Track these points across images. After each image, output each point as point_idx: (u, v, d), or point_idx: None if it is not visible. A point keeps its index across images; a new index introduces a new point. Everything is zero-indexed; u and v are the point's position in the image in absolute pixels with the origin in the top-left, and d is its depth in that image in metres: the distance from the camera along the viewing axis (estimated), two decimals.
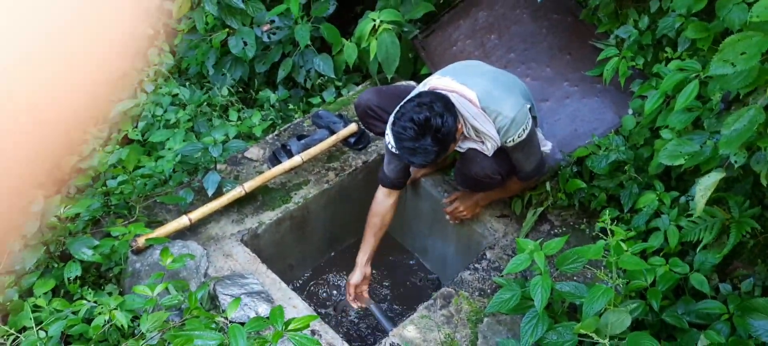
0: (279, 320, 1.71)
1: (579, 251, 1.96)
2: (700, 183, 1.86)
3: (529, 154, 2.29)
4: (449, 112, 2.09)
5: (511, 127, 2.18)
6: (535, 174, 2.39)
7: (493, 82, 2.26)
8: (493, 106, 2.19)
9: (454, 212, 2.55)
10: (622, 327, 1.88)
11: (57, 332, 1.69)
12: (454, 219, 2.58)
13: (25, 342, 1.63)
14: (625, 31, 2.37)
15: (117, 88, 0.32)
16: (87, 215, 2.35)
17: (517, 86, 2.34)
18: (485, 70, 2.36)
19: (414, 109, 2.08)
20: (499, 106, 2.18)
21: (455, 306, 2.27)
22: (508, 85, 2.30)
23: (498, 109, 2.18)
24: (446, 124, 2.07)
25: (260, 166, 2.73)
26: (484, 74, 2.31)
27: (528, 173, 2.36)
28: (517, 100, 2.21)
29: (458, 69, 2.36)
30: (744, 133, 1.72)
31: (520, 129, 2.19)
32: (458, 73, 2.29)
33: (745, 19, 1.79)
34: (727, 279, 2.19)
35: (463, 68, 2.37)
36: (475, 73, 2.31)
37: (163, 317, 1.66)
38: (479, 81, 2.25)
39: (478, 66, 2.42)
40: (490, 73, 2.34)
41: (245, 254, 2.40)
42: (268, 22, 3.22)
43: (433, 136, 2.07)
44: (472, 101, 2.19)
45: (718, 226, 2.10)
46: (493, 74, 2.33)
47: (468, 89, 2.20)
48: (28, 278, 1.93)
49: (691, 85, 1.98)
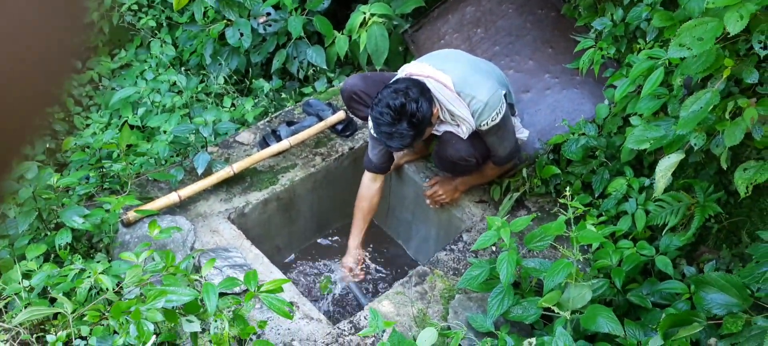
0: (253, 282, 1.80)
1: (544, 228, 2.04)
2: (660, 164, 1.94)
3: (502, 139, 2.37)
4: (424, 97, 2.18)
5: (485, 111, 2.26)
6: (509, 159, 2.47)
7: (469, 68, 2.35)
8: (467, 91, 2.27)
9: (433, 195, 2.63)
10: (584, 301, 1.95)
11: (40, 282, 1.79)
12: (434, 204, 2.66)
13: (9, 289, 1.73)
14: (601, 23, 2.45)
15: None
16: (81, 188, 2.46)
17: (493, 73, 2.43)
18: (463, 57, 2.45)
19: (390, 95, 2.18)
20: (474, 90, 2.27)
21: (429, 284, 2.35)
22: (484, 71, 2.38)
23: (472, 93, 2.27)
24: (421, 109, 2.16)
25: (250, 150, 2.84)
26: (462, 61, 2.40)
27: (502, 157, 2.44)
28: (491, 84, 2.30)
29: (437, 56, 2.45)
30: (700, 114, 1.80)
31: (493, 112, 2.27)
32: (436, 60, 2.39)
33: (703, 7, 1.86)
34: (694, 264, 2.26)
35: (442, 55, 2.47)
36: (452, 59, 2.41)
37: (143, 275, 1.75)
38: (456, 67, 2.34)
39: (457, 53, 2.51)
40: (468, 60, 2.42)
41: (231, 231, 2.50)
42: (264, 14, 3.34)
43: (409, 121, 2.16)
44: (447, 86, 2.28)
45: (684, 210, 2.17)
46: (470, 61, 2.42)
47: (443, 74, 2.29)
48: (20, 241, 2.03)
49: (657, 72, 2.06)
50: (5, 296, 1.81)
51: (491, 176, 2.59)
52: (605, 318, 1.87)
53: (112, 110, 3.36)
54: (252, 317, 2.10)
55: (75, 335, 1.68)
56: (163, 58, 3.52)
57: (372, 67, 3.17)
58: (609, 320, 1.86)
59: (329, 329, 2.15)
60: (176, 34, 3.69)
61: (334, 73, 3.34)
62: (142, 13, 3.72)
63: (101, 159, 2.66)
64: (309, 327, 2.16)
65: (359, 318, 2.22)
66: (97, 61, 3.69)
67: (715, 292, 1.78)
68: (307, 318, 2.19)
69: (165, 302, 1.62)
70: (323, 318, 2.21)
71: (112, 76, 3.69)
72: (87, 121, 3.41)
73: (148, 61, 3.63)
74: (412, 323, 2.19)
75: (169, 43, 3.65)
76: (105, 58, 3.70)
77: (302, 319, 2.19)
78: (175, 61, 3.66)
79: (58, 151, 3.21)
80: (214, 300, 1.67)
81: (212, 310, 1.68)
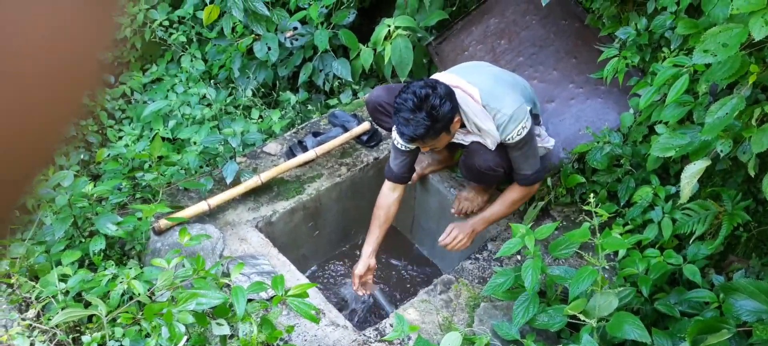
0: (280, 286, 1.84)
1: (569, 236, 2.04)
2: (686, 171, 1.93)
3: (528, 156, 2.36)
4: (450, 99, 2.20)
5: (510, 124, 2.27)
6: (535, 179, 2.43)
7: (495, 81, 2.37)
8: (493, 104, 2.29)
9: (453, 242, 2.49)
10: (610, 309, 1.94)
11: (75, 286, 1.85)
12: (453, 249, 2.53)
13: (46, 291, 1.79)
14: (625, 32, 2.46)
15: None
16: (114, 197, 2.54)
17: (519, 86, 2.44)
18: (489, 69, 2.47)
19: (419, 85, 2.19)
20: (500, 103, 2.28)
21: (455, 292, 2.36)
22: (510, 84, 2.40)
23: (498, 107, 2.28)
24: (443, 107, 2.16)
25: (277, 161, 2.89)
26: (488, 73, 2.42)
27: (527, 176, 2.41)
28: (516, 98, 2.31)
29: (464, 68, 2.48)
30: (725, 120, 1.79)
31: (518, 126, 2.27)
32: (464, 71, 2.41)
33: (728, 14, 1.87)
34: (723, 273, 2.23)
35: (469, 67, 2.49)
36: (479, 71, 2.43)
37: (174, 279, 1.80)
38: (483, 79, 2.36)
39: (484, 66, 2.53)
40: (494, 73, 2.44)
41: (259, 239, 2.54)
42: (291, 29, 3.41)
43: (429, 113, 2.16)
44: (474, 98, 2.30)
45: (711, 218, 2.15)
46: (496, 74, 2.44)
47: (471, 86, 2.31)
48: (56, 247, 2.10)
49: (682, 79, 2.06)
50: (43, 298, 1.88)
51: (513, 205, 2.50)
52: (632, 325, 1.86)
53: (143, 123, 3.45)
54: (279, 323, 2.14)
55: (109, 336, 1.73)
56: (193, 72, 3.61)
57: (396, 79, 3.22)
58: (635, 327, 1.86)
59: (355, 336, 2.18)
60: (206, 49, 3.78)
61: (359, 85, 3.39)
62: (173, 29, 3.82)
63: (133, 169, 2.74)
64: (335, 334, 2.19)
65: (385, 326, 2.24)
66: (129, 75, 3.79)
67: (745, 298, 1.76)
68: (334, 325, 2.22)
69: (196, 305, 1.66)
70: (349, 325, 2.23)
71: (144, 90, 3.79)
72: (119, 134, 3.51)
73: (178, 76, 3.73)
74: (437, 330, 2.21)
75: (198, 58, 3.74)
76: (137, 73, 3.80)
77: (328, 326, 2.21)
78: (205, 75, 3.75)
79: (92, 163, 3.31)
80: (244, 303, 1.71)
81: (241, 313, 1.71)
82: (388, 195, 2.58)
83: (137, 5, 3.75)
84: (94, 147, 3.37)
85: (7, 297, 1.90)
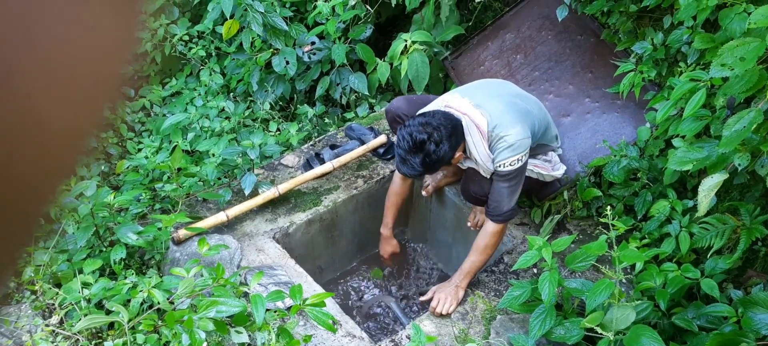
0: (298, 295, 1.86)
1: (586, 248, 2.04)
2: (703, 184, 1.93)
3: (513, 192, 2.31)
4: (449, 140, 2.19)
5: (507, 151, 2.24)
6: (508, 216, 2.35)
7: (507, 108, 2.31)
8: (498, 132, 2.26)
9: (440, 306, 2.33)
10: (627, 322, 1.94)
11: (97, 294, 1.89)
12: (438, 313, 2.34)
13: (70, 298, 1.83)
14: (641, 47, 2.47)
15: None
16: (135, 208, 2.58)
17: (532, 114, 2.38)
18: (507, 92, 2.43)
19: (418, 126, 2.20)
20: (506, 130, 2.25)
21: (471, 304, 2.36)
22: (523, 112, 2.34)
23: (502, 134, 2.25)
24: (438, 152, 2.18)
25: (295, 173, 2.92)
26: (504, 98, 2.37)
27: (504, 212, 2.33)
28: (523, 129, 2.27)
29: (480, 88, 2.44)
30: (743, 133, 1.80)
31: (514, 156, 2.24)
32: (477, 94, 2.37)
33: (745, 28, 1.87)
34: (741, 288, 2.22)
35: (486, 88, 2.45)
36: (495, 94, 2.38)
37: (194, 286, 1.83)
38: (495, 105, 2.31)
39: (503, 87, 2.50)
40: (510, 98, 2.39)
41: (276, 250, 2.57)
42: (309, 43, 3.46)
43: (423, 159, 2.19)
44: (480, 128, 2.27)
45: (729, 232, 2.15)
46: (511, 99, 2.38)
47: (480, 115, 2.28)
48: (78, 255, 2.14)
49: (699, 93, 2.06)
50: (66, 305, 1.91)
51: (488, 249, 2.39)
52: (649, 339, 1.85)
53: (163, 135, 3.51)
54: (296, 333, 2.15)
55: (130, 342, 1.76)
56: (212, 86, 3.67)
57: (413, 93, 3.24)
58: (653, 340, 1.85)
59: None
60: (224, 63, 3.84)
61: (375, 99, 3.43)
62: (193, 43, 3.89)
63: (153, 180, 2.78)
64: (352, 345, 2.20)
65: (401, 337, 2.25)
66: (149, 89, 3.86)
67: (764, 312, 1.75)
68: (350, 336, 2.23)
69: (216, 312, 1.68)
70: (365, 336, 2.24)
71: (163, 103, 3.85)
72: (139, 146, 3.57)
73: (197, 89, 3.79)
74: (453, 342, 2.21)
75: (217, 72, 3.80)
76: (156, 87, 3.87)
77: (344, 336, 2.23)
78: (223, 88, 3.81)
79: (112, 174, 3.36)
80: (262, 311, 1.73)
81: (260, 321, 1.73)
82: (400, 185, 2.65)
83: (158, 20, 3.82)
84: (114, 159, 3.43)
85: (32, 303, 1.94)
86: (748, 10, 1.91)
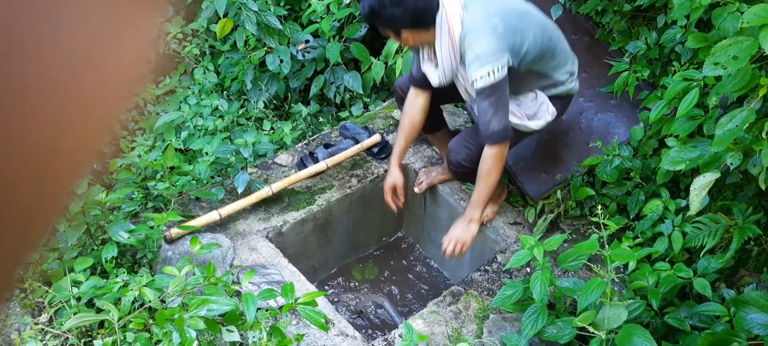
0: (290, 293, 1.85)
1: (578, 247, 2.04)
2: (695, 183, 1.93)
3: (498, 108, 2.20)
4: (410, 10, 2.14)
5: (474, 63, 2.16)
6: (501, 136, 2.25)
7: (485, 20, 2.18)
8: (467, 42, 2.18)
9: (455, 247, 2.44)
10: (619, 321, 1.94)
11: (87, 292, 1.87)
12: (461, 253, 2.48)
13: (60, 296, 1.81)
14: (635, 46, 2.47)
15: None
16: (127, 206, 2.56)
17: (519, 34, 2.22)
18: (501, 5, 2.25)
19: None
20: (474, 40, 2.16)
21: (463, 303, 2.36)
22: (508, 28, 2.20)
23: (470, 43, 2.17)
24: (386, 11, 2.14)
25: (288, 172, 2.91)
26: (492, 8, 2.22)
27: (494, 132, 2.23)
28: (495, 42, 2.15)
29: None
30: (735, 132, 1.80)
31: (483, 69, 2.14)
32: None
33: (738, 27, 1.88)
34: (733, 287, 2.22)
35: None
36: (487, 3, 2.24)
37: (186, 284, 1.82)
38: (477, 12, 2.19)
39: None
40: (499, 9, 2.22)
41: (269, 249, 2.56)
42: (303, 42, 3.45)
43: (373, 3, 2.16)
44: (452, 30, 2.18)
45: (722, 232, 2.15)
46: (496, 11, 2.21)
47: (458, 18, 2.18)
48: (69, 253, 2.13)
49: (692, 93, 2.07)
50: (55, 303, 1.90)
51: (490, 173, 2.31)
52: (641, 338, 1.85)
53: (156, 134, 3.49)
54: (288, 332, 2.14)
55: (120, 341, 1.75)
56: (205, 84, 3.66)
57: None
58: (645, 339, 1.85)
59: None
60: (218, 62, 3.83)
61: (369, 98, 3.42)
62: (187, 42, 3.87)
63: (146, 179, 2.77)
64: (344, 344, 2.19)
65: (394, 336, 2.24)
66: (143, 87, 3.84)
67: (756, 311, 1.75)
68: (342, 335, 2.22)
69: (207, 311, 1.67)
70: (358, 335, 2.24)
71: (157, 101, 3.83)
72: (132, 144, 3.55)
73: (191, 88, 3.77)
74: (446, 341, 2.21)
75: (211, 71, 3.79)
76: (150, 85, 3.85)
77: (337, 335, 2.22)
78: (217, 87, 3.80)
79: (105, 173, 3.35)
80: (254, 310, 1.72)
81: (251, 319, 1.73)
82: (412, 102, 2.54)
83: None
84: (107, 157, 3.41)
85: (21, 301, 1.93)
86: (741, 10, 1.91)
